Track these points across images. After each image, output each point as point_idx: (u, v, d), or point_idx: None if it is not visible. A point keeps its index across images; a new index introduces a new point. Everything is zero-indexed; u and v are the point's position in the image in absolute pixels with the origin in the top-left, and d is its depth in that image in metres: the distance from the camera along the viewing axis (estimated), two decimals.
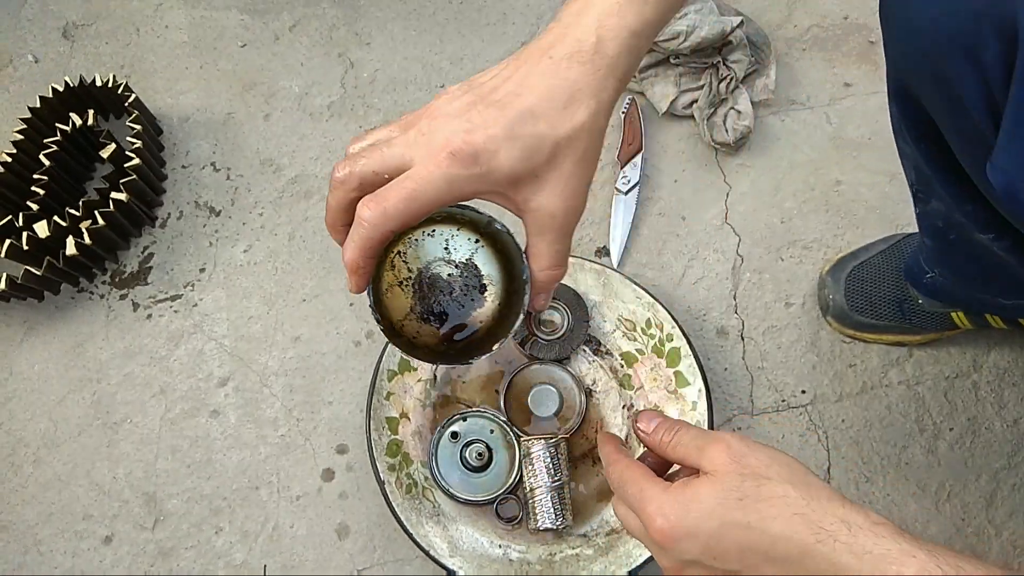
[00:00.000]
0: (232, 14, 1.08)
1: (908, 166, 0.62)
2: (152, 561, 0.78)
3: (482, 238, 0.51)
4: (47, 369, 0.87)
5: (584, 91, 0.38)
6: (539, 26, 1.01)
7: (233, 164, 0.98)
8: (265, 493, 0.80)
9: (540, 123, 0.38)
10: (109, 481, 0.81)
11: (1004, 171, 0.41)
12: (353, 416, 0.83)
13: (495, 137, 0.37)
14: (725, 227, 0.92)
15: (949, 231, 0.64)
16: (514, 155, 0.38)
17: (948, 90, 0.46)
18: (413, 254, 0.50)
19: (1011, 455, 0.80)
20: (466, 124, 0.37)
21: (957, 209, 0.60)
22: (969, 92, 0.44)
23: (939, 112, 0.51)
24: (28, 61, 1.06)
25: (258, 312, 0.89)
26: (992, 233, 0.59)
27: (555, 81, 0.38)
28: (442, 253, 0.50)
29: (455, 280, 0.51)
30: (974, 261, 0.66)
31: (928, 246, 0.70)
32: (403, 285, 0.50)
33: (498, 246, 0.50)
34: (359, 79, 1.03)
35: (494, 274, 0.51)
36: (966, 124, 0.47)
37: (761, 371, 0.84)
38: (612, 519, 0.75)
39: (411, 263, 0.50)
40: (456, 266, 0.51)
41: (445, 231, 0.50)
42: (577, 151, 0.39)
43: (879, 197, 0.92)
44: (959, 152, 0.53)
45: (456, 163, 0.37)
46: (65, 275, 0.88)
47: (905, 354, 0.84)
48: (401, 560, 0.77)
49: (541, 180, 0.39)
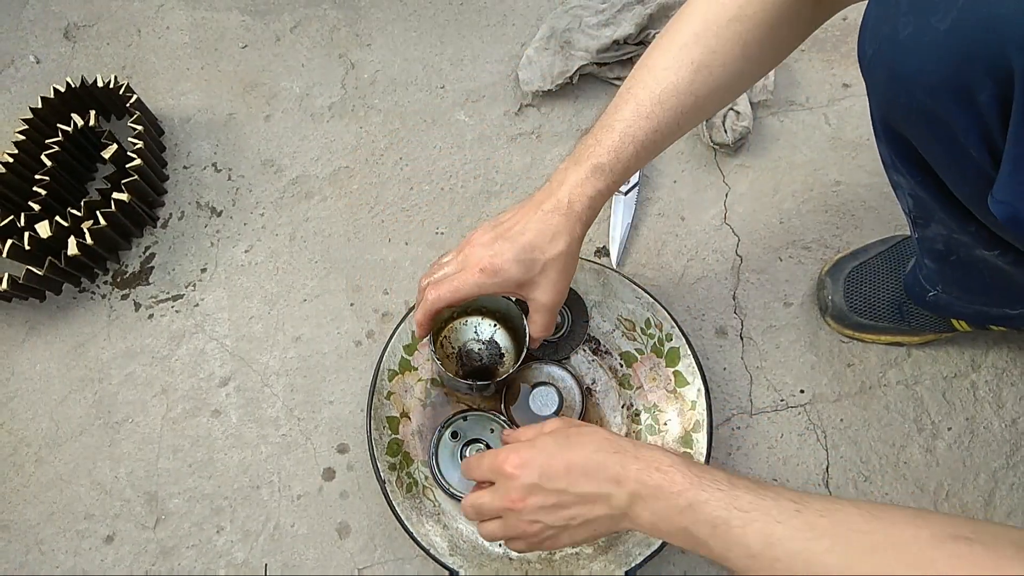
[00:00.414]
0: (233, 15, 1.09)
1: (903, 196, 0.61)
2: (153, 560, 0.78)
3: (499, 322, 0.79)
4: (49, 369, 0.87)
5: (561, 232, 0.61)
6: (538, 27, 1.01)
7: (234, 165, 0.98)
8: (266, 492, 0.81)
9: (535, 251, 0.61)
10: (111, 480, 0.82)
11: (1007, 203, 0.43)
12: (354, 415, 0.84)
13: (508, 260, 0.61)
14: (724, 227, 0.92)
15: (950, 253, 0.64)
16: (520, 270, 0.61)
17: (942, 132, 0.46)
18: (455, 337, 0.79)
19: (1009, 455, 0.80)
20: (490, 252, 0.62)
21: (960, 231, 0.59)
22: (965, 132, 0.45)
23: (933, 153, 0.51)
24: (30, 62, 1.06)
25: (259, 312, 0.89)
26: (997, 250, 0.59)
27: (543, 226, 0.61)
28: (472, 335, 0.79)
29: (483, 352, 0.79)
30: (978, 276, 0.66)
31: (929, 267, 0.70)
32: (450, 357, 0.79)
33: (509, 324, 0.78)
34: (360, 80, 1.03)
35: (508, 344, 0.79)
36: (964, 162, 0.47)
37: (760, 371, 0.85)
38: None
39: (454, 343, 0.79)
40: (483, 343, 0.79)
41: (473, 320, 0.80)
42: (559, 266, 0.62)
43: (878, 198, 0.92)
44: (955, 186, 0.52)
45: (484, 275, 0.61)
46: (67, 275, 0.89)
47: (903, 354, 0.85)
48: (401, 559, 0.77)
49: (536, 284, 0.63)
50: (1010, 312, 0.70)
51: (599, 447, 0.54)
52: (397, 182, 0.96)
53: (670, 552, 0.76)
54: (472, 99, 1.02)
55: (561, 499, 0.55)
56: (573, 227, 0.61)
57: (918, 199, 0.59)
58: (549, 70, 0.97)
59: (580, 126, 0.99)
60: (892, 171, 0.59)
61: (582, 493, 0.54)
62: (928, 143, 0.50)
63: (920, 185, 0.56)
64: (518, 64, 1.01)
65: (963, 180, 0.51)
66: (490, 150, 0.98)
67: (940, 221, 0.60)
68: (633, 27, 0.95)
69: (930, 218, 0.61)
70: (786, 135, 0.97)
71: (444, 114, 1.01)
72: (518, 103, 1.01)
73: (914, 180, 0.56)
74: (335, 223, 0.94)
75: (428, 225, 0.94)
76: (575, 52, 0.97)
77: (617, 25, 0.96)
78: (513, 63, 1.03)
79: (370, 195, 0.96)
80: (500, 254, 0.61)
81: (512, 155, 0.98)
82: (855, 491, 0.79)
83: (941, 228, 0.61)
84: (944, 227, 0.61)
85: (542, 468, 0.55)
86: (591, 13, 0.98)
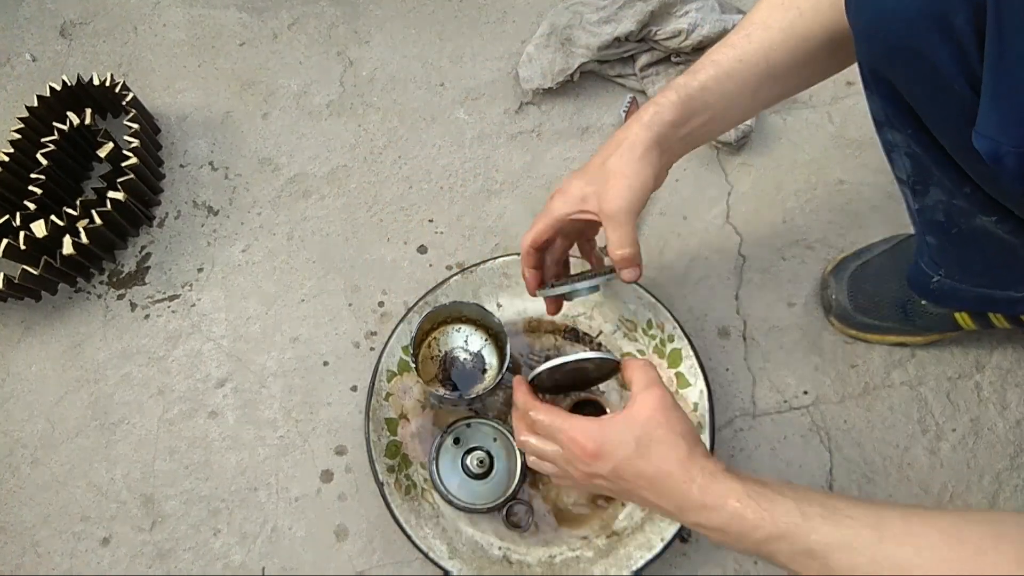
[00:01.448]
0: (230, 12, 1.08)
1: (900, 157, 0.62)
2: (150, 562, 0.78)
3: (490, 337, 0.79)
4: (44, 369, 0.87)
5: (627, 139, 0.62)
6: (538, 24, 1.01)
7: (231, 163, 0.97)
8: (263, 494, 0.80)
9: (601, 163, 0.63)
10: (107, 482, 0.81)
11: (988, 137, 0.44)
12: (352, 417, 0.83)
13: (576, 177, 0.66)
14: (727, 227, 0.91)
15: (951, 224, 0.64)
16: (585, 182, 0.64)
17: (925, 66, 0.48)
18: (444, 340, 0.79)
19: (1014, 456, 0.80)
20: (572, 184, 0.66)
21: (957, 193, 0.59)
22: (944, 63, 0.46)
23: (917, 94, 0.52)
24: (26, 60, 1.05)
25: (256, 312, 0.89)
26: (995, 215, 0.59)
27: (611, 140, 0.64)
28: (462, 343, 0.80)
29: (468, 363, 0.79)
30: (979, 252, 0.65)
31: (931, 245, 0.69)
32: (433, 359, 0.79)
33: (499, 343, 0.78)
34: (358, 77, 1.02)
35: (494, 362, 0.79)
36: (947, 100, 0.48)
37: (763, 372, 0.84)
38: (615, 523, 0.75)
39: (441, 346, 0.79)
40: (470, 354, 0.79)
41: (466, 328, 0.80)
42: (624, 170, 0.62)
43: (882, 196, 0.92)
44: (941, 134, 0.54)
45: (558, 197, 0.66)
46: (62, 275, 0.88)
47: (907, 355, 0.84)
48: (400, 562, 0.76)
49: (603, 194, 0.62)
50: (1014, 295, 0.69)
51: (671, 471, 0.54)
52: (396, 181, 0.96)
53: (672, 555, 0.75)
54: (472, 97, 1.01)
55: (624, 491, 0.58)
56: (640, 134, 0.61)
57: (914, 157, 0.60)
58: (549, 67, 0.96)
59: (581, 124, 0.98)
60: (887, 128, 0.60)
61: (645, 499, 0.56)
62: (912, 84, 0.51)
63: (913, 138, 0.57)
64: (518, 61, 1.00)
65: (948, 123, 0.52)
66: (490, 148, 0.97)
67: (938, 184, 0.60)
68: (634, 24, 0.94)
69: (928, 180, 0.61)
70: (789, 133, 0.96)
71: (443, 112, 1.00)
72: (518, 101, 1.00)
73: (907, 133, 0.57)
74: (333, 222, 0.93)
75: (427, 224, 0.93)
76: (576, 49, 0.96)
77: (618, 22, 0.95)
78: (513, 60, 1.02)
79: (369, 194, 0.95)
80: (569, 179, 0.66)
81: (512, 153, 0.97)
82: (858, 493, 0.79)
83: (940, 193, 0.61)
84: (942, 191, 0.61)
85: (613, 467, 0.56)
86: (592, 10, 0.97)
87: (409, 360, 0.76)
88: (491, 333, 0.80)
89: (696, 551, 0.76)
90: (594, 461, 0.56)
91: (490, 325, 0.78)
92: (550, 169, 0.96)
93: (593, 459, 0.56)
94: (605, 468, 0.56)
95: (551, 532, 0.75)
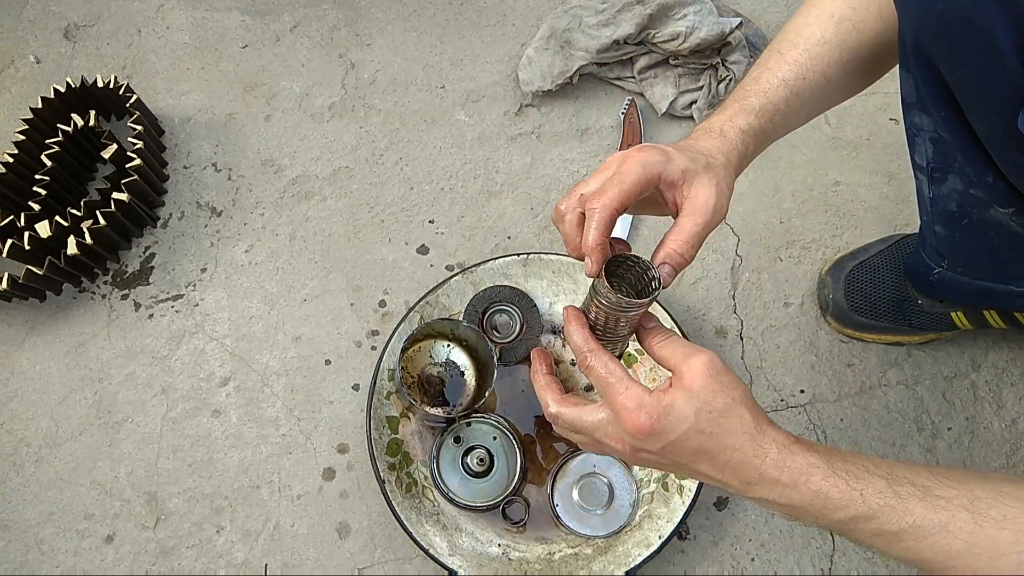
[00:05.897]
0: (233, 15, 1.09)
1: (924, 142, 0.60)
2: (153, 560, 0.78)
3: (452, 341, 0.81)
4: (49, 369, 0.87)
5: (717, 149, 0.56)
6: (538, 27, 1.01)
7: (234, 164, 0.98)
8: (266, 492, 0.81)
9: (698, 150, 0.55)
10: (111, 480, 0.82)
11: None
12: (354, 415, 0.84)
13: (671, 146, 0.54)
14: (724, 227, 0.92)
15: (963, 215, 0.63)
16: (686, 158, 0.53)
17: (977, 39, 0.45)
18: (412, 366, 0.80)
19: (1009, 454, 0.80)
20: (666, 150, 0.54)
21: (978, 182, 0.58)
22: (1001, 37, 0.44)
23: (962, 73, 0.50)
24: (30, 62, 1.06)
25: (259, 312, 0.89)
26: (1012, 207, 0.57)
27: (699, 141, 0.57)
28: (428, 359, 0.80)
29: (443, 374, 0.80)
30: (988, 244, 0.64)
31: (938, 235, 0.68)
32: (412, 387, 0.79)
33: (464, 343, 0.80)
34: (360, 80, 1.03)
35: (467, 361, 0.81)
36: (997, 77, 0.46)
37: (760, 371, 0.85)
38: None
39: (412, 372, 0.80)
40: (440, 365, 0.80)
41: (426, 345, 0.80)
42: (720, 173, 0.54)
43: (878, 197, 0.92)
44: (981, 117, 0.51)
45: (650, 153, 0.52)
46: (67, 275, 0.89)
47: (904, 354, 0.85)
48: (401, 559, 0.77)
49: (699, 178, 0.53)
50: (1015, 289, 0.68)
51: (738, 445, 0.48)
52: (397, 182, 0.96)
53: (670, 552, 0.76)
54: (472, 99, 1.02)
55: (673, 465, 0.51)
56: (727, 149, 0.56)
57: (939, 143, 0.58)
58: (549, 70, 0.97)
59: (580, 126, 0.99)
60: (916, 111, 0.59)
61: (702, 473, 0.50)
62: (958, 60, 0.49)
63: (943, 121, 0.55)
64: (518, 64, 1.01)
65: (991, 104, 0.49)
66: (490, 150, 0.98)
67: (958, 172, 0.59)
68: (633, 27, 0.95)
69: (949, 167, 0.60)
70: (786, 135, 0.97)
71: (444, 114, 1.01)
72: (518, 103, 1.01)
73: (938, 116, 0.55)
74: (335, 223, 0.94)
75: (428, 225, 0.94)
76: (575, 52, 0.97)
77: (617, 25, 0.96)
78: (513, 63, 1.03)
79: (370, 195, 0.96)
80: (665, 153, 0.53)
81: (512, 155, 0.98)
82: None
83: (958, 181, 0.60)
84: (961, 179, 0.59)
85: (667, 444, 0.49)
86: (591, 13, 0.98)
87: (405, 397, 0.76)
88: (450, 337, 0.80)
89: (694, 548, 0.77)
90: (647, 438, 0.49)
91: (444, 331, 0.79)
92: (550, 170, 0.97)
93: (646, 436, 0.49)
94: (656, 445, 0.49)
95: (550, 529, 0.76)
